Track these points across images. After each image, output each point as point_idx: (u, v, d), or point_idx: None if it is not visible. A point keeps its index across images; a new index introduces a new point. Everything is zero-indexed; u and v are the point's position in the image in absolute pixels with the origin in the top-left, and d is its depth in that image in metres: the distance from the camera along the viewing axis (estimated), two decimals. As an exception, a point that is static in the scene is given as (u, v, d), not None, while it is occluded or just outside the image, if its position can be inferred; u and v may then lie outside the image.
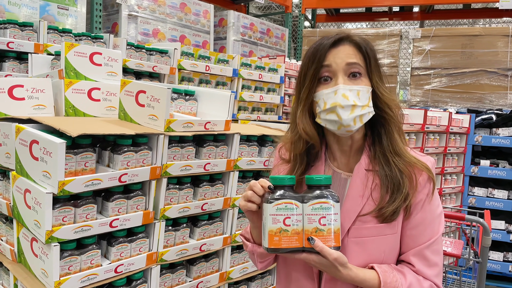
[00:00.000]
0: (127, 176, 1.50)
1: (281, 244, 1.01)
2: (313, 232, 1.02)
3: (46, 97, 1.82)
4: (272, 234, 1.01)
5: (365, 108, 1.10)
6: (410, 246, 1.14)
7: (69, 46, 1.85)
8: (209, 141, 1.80)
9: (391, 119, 1.15)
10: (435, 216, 1.14)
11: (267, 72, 3.70)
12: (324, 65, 1.11)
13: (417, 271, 1.12)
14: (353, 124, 1.10)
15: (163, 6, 4.06)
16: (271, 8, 7.82)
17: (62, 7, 3.27)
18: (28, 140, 1.40)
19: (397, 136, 1.15)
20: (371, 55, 1.13)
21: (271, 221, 1.02)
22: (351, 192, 1.15)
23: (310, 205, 1.03)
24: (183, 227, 1.76)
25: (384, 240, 1.12)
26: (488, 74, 4.93)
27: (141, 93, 1.67)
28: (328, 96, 1.10)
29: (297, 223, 1.02)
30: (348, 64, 1.10)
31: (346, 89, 1.09)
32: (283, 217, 1.02)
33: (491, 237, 2.13)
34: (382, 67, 1.18)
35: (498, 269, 4.40)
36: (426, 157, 1.18)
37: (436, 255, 1.14)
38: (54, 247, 1.34)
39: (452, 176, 4.36)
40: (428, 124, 3.81)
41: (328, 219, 1.02)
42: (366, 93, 1.10)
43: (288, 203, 1.03)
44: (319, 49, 1.12)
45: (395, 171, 1.11)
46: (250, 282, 2.11)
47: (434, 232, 1.13)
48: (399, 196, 1.09)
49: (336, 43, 1.12)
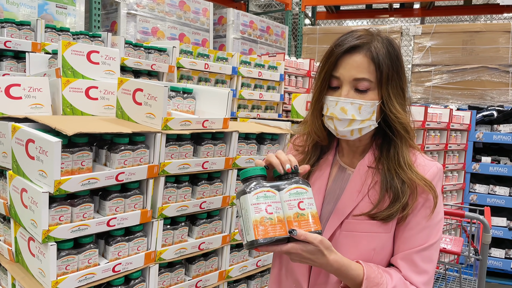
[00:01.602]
0: (124, 175, 1.49)
1: (268, 233, 0.97)
2: (295, 217, 1.00)
3: (44, 96, 1.81)
4: (257, 224, 0.97)
5: (365, 122, 1.09)
6: (400, 248, 1.11)
7: (66, 45, 1.84)
8: (207, 139, 1.79)
9: (400, 137, 1.13)
10: (432, 223, 1.11)
11: (267, 70, 3.69)
12: (333, 75, 1.10)
13: (404, 276, 1.09)
14: (349, 135, 1.11)
15: (162, 4, 4.04)
16: (271, 6, 7.81)
17: (61, 6, 3.26)
18: (24, 139, 1.39)
19: (405, 150, 1.13)
20: (384, 69, 1.07)
21: (253, 210, 0.98)
22: (349, 187, 1.15)
23: (287, 191, 1.02)
24: (181, 225, 1.76)
25: (375, 238, 1.11)
26: (489, 71, 4.91)
27: (138, 91, 1.67)
28: (331, 104, 1.11)
29: (278, 211, 1.01)
30: (356, 79, 1.07)
31: (347, 103, 1.08)
32: (264, 205, 1.00)
33: (491, 234, 2.12)
34: (403, 79, 1.12)
35: (500, 266, 4.38)
36: (431, 163, 1.15)
37: (427, 262, 1.10)
38: (51, 246, 1.33)
39: (453, 173, 4.35)
40: (429, 121, 3.79)
41: (305, 203, 1.02)
42: (369, 108, 1.09)
43: (267, 191, 1.01)
44: (333, 53, 1.10)
45: (396, 181, 1.10)
46: (249, 281, 2.10)
47: (429, 238, 1.10)
48: (397, 205, 1.08)
49: (351, 49, 1.08)
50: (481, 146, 4.63)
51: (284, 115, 4.01)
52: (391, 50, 1.10)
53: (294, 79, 4.15)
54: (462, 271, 2.34)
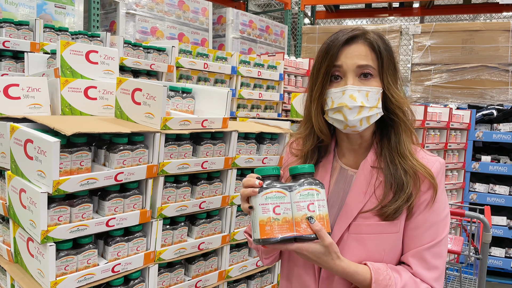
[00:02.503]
0: (123, 175, 1.49)
1: (273, 233, 0.99)
2: (303, 219, 1.01)
3: (42, 96, 1.81)
4: (263, 224, 1.00)
5: (373, 110, 1.10)
6: (410, 247, 1.12)
7: (65, 45, 1.83)
8: (206, 139, 1.79)
9: (401, 121, 1.14)
10: (439, 219, 1.12)
11: (266, 69, 3.68)
12: (335, 65, 1.11)
13: (415, 273, 1.10)
14: (359, 125, 1.11)
15: (161, 4, 4.04)
16: (271, 5, 7.81)
17: (60, 6, 3.25)
18: (23, 139, 1.39)
19: (406, 138, 1.14)
20: (384, 55, 1.11)
21: (261, 210, 1.01)
22: (354, 188, 1.15)
23: (298, 192, 1.03)
24: (181, 225, 1.75)
25: (384, 239, 1.11)
26: (489, 70, 4.90)
27: (137, 91, 1.66)
28: (336, 95, 1.10)
29: (286, 212, 1.01)
30: (359, 66, 1.09)
31: (355, 90, 1.09)
32: (272, 205, 1.01)
33: (491, 233, 2.12)
34: (397, 68, 1.15)
35: (500, 265, 4.38)
36: (434, 158, 1.16)
37: (437, 258, 1.11)
38: (49, 247, 1.33)
39: (453, 172, 4.35)
40: (429, 120, 3.79)
41: (316, 205, 1.02)
42: (375, 94, 1.10)
43: (276, 191, 1.02)
44: (332, 46, 1.12)
45: (400, 171, 1.10)
46: (249, 281, 2.10)
47: (437, 234, 1.11)
48: (402, 196, 1.08)
49: (349, 41, 1.11)
50: (481, 145, 4.63)
51: (284, 114, 4.01)
52: (385, 41, 1.14)
53: (294, 78, 4.15)
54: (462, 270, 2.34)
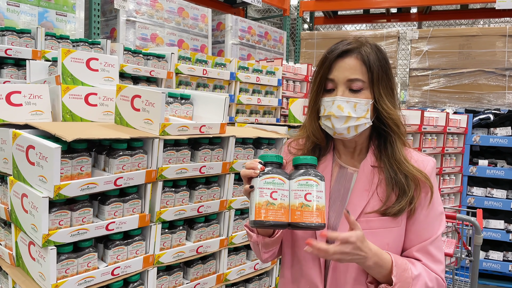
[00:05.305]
0: (122, 180, 1.52)
1: (268, 216, 1.04)
2: (299, 207, 1.05)
3: (44, 103, 1.84)
4: (260, 206, 1.04)
5: (360, 120, 1.17)
6: (413, 242, 1.19)
7: (66, 52, 1.87)
8: (204, 144, 1.82)
9: (392, 132, 1.21)
10: (437, 214, 1.20)
11: (265, 75, 3.72)
12: (328, 78, 1.19)
13: (424, 265, 1.17)
14: (346, 133, 1.18)
15: (161, 11, 4.09)
16: (270, 11, 7.86)
17: (61, 14, 3.30)
18: (25, 145, 1.43)
19: (400, 145, 1.21)
20: (375, 69, 1.17)
21: (258, 194, 1.05)
22: (357, 186, 1.21)
23: (297, 181, 1.07)
24: (179, 229, 1.78)
25: (388, 233, 1.17)
26: (486, 74, 4.94)
27: (136, 98, 1.70)
28: (328, 104, 1.19)
29: (283, 198, 1.06)
30: (349, 80, 1.16)
31: (343, 101, 1.16)
32: (270, 190, 1.06)
33: (482, 235, 2.15)
34: (392, 80, 1.21)
35: (498, 269, 4.40)
36: (427, 158, 1.25)
37: (439, 251, 1.20)
38: (51, 250, 1.36)
39: (450, 176, 4.37)
40: (425, 124, 3.83)
41: (313, 195, 1.06)
42: (364, 106, 1.17)
43: (276, 177, 1.07)
44: (327, 59, 1.19)
45: (399, 175, 1.17)
46: (247, 284, 2.12)
47: (438, 229, 1.20)
48: (404, 199, 1.16)
49: (343, 54, 1.18)
50: (478, 149, 4.65)
51: (282, 119, 4.04)
52: (379, 54, 1.19)
53: (292, 84, 4.19)
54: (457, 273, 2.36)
